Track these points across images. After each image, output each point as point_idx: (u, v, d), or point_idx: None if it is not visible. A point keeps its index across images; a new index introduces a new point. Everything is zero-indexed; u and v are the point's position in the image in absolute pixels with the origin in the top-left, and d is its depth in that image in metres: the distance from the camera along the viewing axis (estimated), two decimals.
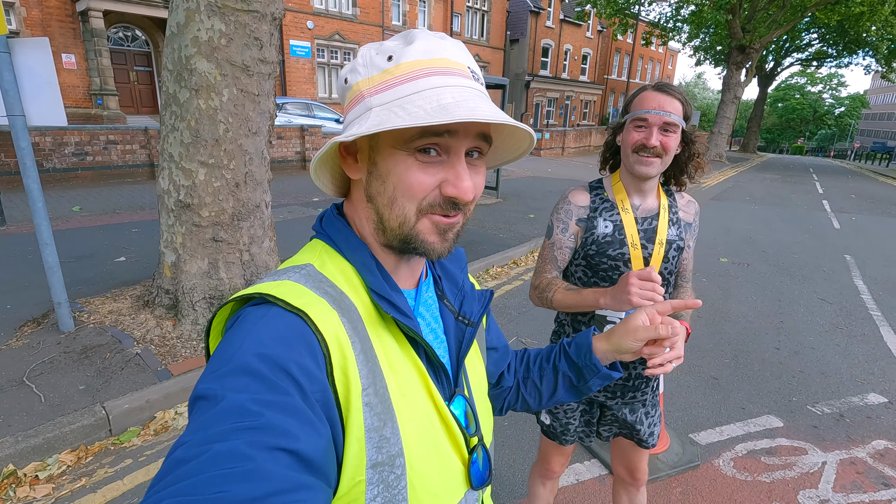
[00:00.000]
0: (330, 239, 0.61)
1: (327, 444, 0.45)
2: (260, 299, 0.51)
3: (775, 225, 8.69)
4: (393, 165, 0.54)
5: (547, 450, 1.66)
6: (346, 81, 0.57)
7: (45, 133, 7.75)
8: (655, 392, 1.53)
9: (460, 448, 0.62)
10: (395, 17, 21.75)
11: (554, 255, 1.41)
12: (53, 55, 2.76)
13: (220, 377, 0.44)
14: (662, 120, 1.22)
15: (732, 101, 20.68)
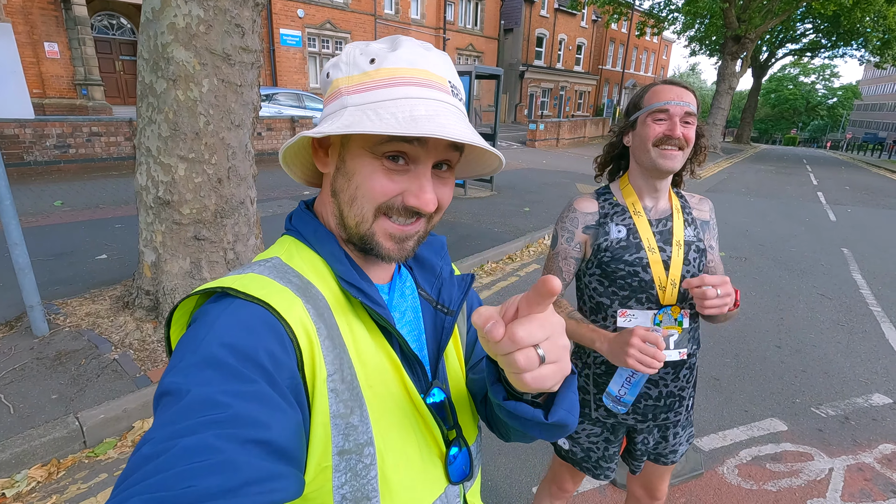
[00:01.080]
0: (298, 233, 0.61)
1: (298, 429, 0.45)
2: (222, 293, 0.51)
3: (771, 217, 8.63)
4: (360, 166, 0.55)
5: (560, 469, 1.54)
6: (328, 76, 0.58)
7: (24, 125, 7.50)
8: (690, 411, 1.41)
9: (437, 441, 0.61)
10: (388, 5, 21.41)
11: (559, 265, 1.31)
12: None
13: (184, 370, 0.43)
14: (684, 110, 1.14)
15: (727, 92, 20.59)
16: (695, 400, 1.43)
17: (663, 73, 47.00)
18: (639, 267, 1.21)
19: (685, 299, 1.24)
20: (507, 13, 27.31)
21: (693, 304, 1.25)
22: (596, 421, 1.36)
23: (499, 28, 27.09)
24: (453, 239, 5.86)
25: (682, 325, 1.23)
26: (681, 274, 1.22)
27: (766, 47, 29.65)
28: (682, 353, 1.25)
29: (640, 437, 1.36)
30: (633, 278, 1.22)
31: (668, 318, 1.22)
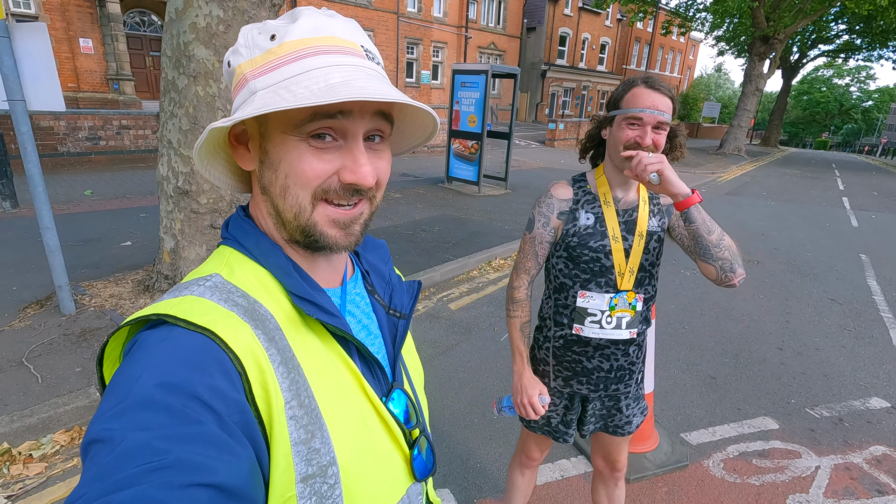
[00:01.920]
0: (238, 243, 0.56)
1: (250, 467, 0.42)
2: (158, 321, 0.46)
3: (790, 221, 8.49)
4: (284, 153, 0.50)
5: (527, 440, 1.66)
6: (230, 64, 0.53)
7: (59, 117, 7.87)
8: (640, 385, 1.51)
9: (400, 444, 0.60)
10: (411, 4, 21.55)
11: (535, 249, 1.41)
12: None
13: (117, 415, 0.39)
14: (657, 120, 1.21)
15: (754, 94, 20.14)
16: (643, 373, 1.52)
17: (690, 73, 46.13)
18: (601, 253, 1.30)
19: (641, 285, 1.33)
20: (530, 12, 27.19)
21: (647, 290, 1.34)
22: (555, 391, 1.46)
23: (521, 27, 27.00)
24: (463, 235, 5.97)
25: (636, 308, 1.33)
26: (640, 262, 1.31)
27: (797, 48, 28.85)
28: (632, 333, 1.35)
29: (591, 404, 1.47)
30: (596, 263, 1.31)
31: (623, 301, 1.32)
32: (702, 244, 1.18)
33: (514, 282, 1.46)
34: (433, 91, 23.43)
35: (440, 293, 4.47)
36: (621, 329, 1.34)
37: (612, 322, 1.34)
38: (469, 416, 2.74)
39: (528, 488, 1.79)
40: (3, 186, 5.74)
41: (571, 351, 1.41)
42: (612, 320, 1.34)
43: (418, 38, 22.08)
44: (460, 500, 2.17)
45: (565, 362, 1.43)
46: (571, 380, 1.44)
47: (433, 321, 3.89)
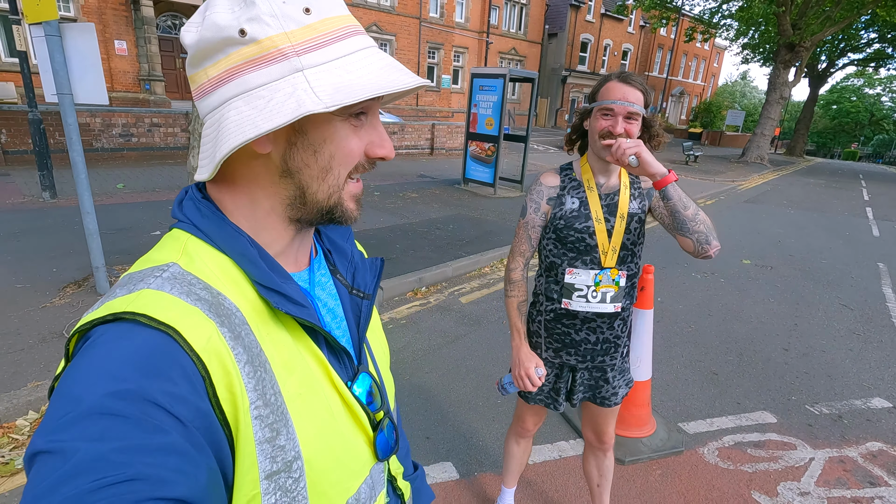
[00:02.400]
0: (196, 228, 0.51)
1: (211, 476, 0.40)
2: (113, 318, 0.42)
3: (809, 230, 8.41)
4: (330, 133, 0.50)
5: (521, 410, 1.78)
6: (245, 34, 0.45)
7: (95, 114, 8.27)
8: (625, 358, 1.63)
9: (364, 428, 0.60)
10: (433, 8, 21.85)
11: (528, 233, 1.54)
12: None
13: (68, 425, 0.35)
14: (626, 110, 1.33)
15: (778, 102, 19.85)
16: (628, 348, 1.64)
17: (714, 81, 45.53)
18: (586, 234, 1.43)
19: (623, 262, 1.46)
20: (551, 18, 27.28)
21: (629, 267, 1.47)
22: (546, 361, 1.59)
23: (543, 33, 27.10)
24: (477, 234, 6.10)
25: (619, 284, 1.46)
26: (622, 241, 1.43)
27: (825, 56, 28.29)
28: (616, 307, 1.47)
29: (579, 374, 1.59)
30: (581, 243, 1.44)
31: (607, 277, 1.44)
32: (679, 219, 1.31)
33: (511, 264, 1.59)
34: (453, 95, 23.66)
35: (452, 287, 4.61)
36: (606, 303, 1.47)
37: (598, 296, 1.46)
38: (474, 400, 2.87)
39: (524, 457, 1.91)
40: (44, 178, 6.09)
41: (561, 324, 1.53)
42: (598, 295, 1.46)
43: (440, 43, 22.36)
44: (462, 472, 2.30)
45: (555, 334, 1.55)
46: (561, 351, 1.56)
47: (444, 313, 4.03)
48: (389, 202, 7.52)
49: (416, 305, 4.15)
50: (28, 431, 2.32)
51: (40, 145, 6.02)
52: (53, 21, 2.88)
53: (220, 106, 0.47)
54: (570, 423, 2.69)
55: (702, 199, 10.83)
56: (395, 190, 8.48)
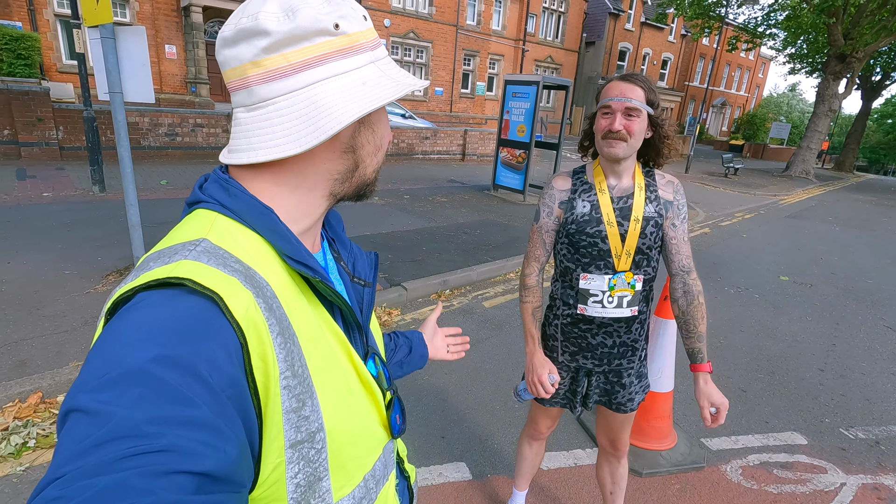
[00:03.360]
0: (223, 207, 0.53)
1: (240, 450, 0.41)
2: (158, 284, 0.43)
3: (854, 248, 8.02)
4: (380, 117, 0.60)
5: (535, 412, 1.78)
6: (338, 27, 0.52)
7: (144, 114, 8.70)
8: (643, 363, 1.60)
9: (378, 405, 0.63)
10: (470, 16, 22.01)
11: (542, 238, 1.54)
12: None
13: (106, 386, 0.36)
14: (624, 106, 1.32)
15: (826, 115, 19.03)
16: (647, 352, 1.61)
17: (758, 92, 44.04)
18: (598, 238, 1.41)
19: (639, 267, 1.43)
20: (590, 26, 27.03)
21: (646, 272, 1.45)
22: (562, 364, 1.58)
23: (580, 41, 26.87)
24: (504, 239, 6.10)
25: (635, 288, 1.44)
26: (636, 245, 1.41)
27: (880, 68, 26.96)
28: (633, 311, 1.45)
29: (595, 377, 1.57)
30: (594, 248, 1.42)
31: (622, 282, 1.43)
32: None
33: (526, 269, 1.58)
34: (487, 102, 23.72)
35: (476, 291, 4.63)
36: (622, 308, 1.45)
37: (614, 301, 1.44)
38: (491, 403, 2.87)
39: (536, 460, 1.91)
40: (95, 172, 6.44)
41: (577, 328, 1.52)
42: (614, 299, 1.44)
43: (476, 51, 22.49)
44: (475, 473, 2.31)
45: (572, 338, 1.54)
46: (577, 354, 1.55)
47: (466, 316, 4.05)
48: (419, 205, 7.60)
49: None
50: None
51: (93, 142, 6.38)
52: (109, 24, 3.07)
53: (306, 86, 0.52)
54: (587, 431, 2.66)
55: (740, 213, 10.48)
56: (425, 194, 8.56)
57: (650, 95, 1.34)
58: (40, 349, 2.80)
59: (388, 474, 0.67)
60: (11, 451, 2.16)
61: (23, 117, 7.75)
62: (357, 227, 5.97)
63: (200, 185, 0.56)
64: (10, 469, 2.08)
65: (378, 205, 7.38)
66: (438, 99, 21.68)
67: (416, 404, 2.79)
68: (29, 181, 6.72)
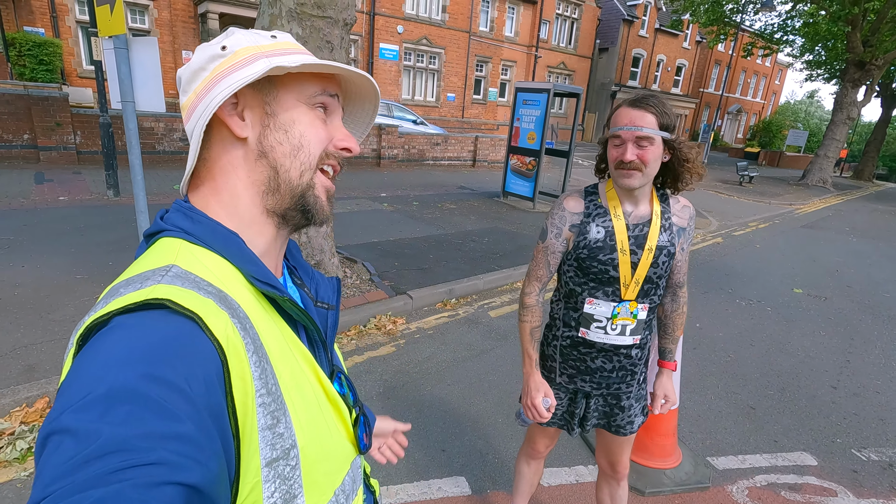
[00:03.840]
0: (187, 233, 0.54)
1: (220, 465, 0.42)
2: (137, 306, 0.43)
3: (871, 260, 7.84)
4: (298, 115, 0.58)
5: (533, 431, 1.76)
6: (225, 48, 0.57)
7: (159, 119, 8.85)
8: (642, 385, 1.58)
9: (345, 421, 0.64)
10: (483, 23, 22.07)
11: (547, 259, 1.49)
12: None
13: (91, 405, 0.36)
14: (634, 135, 1.27)
15: (844, 122, 18.70)
16: (645, 375, 1.58)
17: (775, 99, 43.47)
18: (610, 266, 1.38)
19: (646, 295, 1.40)
20: (603, 33, 26.94)
21: (652, 300, 1.42)
22: (560, 386, 1.56)
23: (593, 47, 26.79)
24: (512, 248, 6.07)
25: (637, 317, 1.41)
26: (646, 274, 1.38)
27: None
28: (635, 339, 1.42)
29: (593, 400, 1.54)
30: (604, 275, 1.39)
31: (626, 310, 1.40)
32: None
33: (526, 288, 1.55)
34: (499, 108, 23.73)
35: (482, 300, 4.61)
36: (625, 336, 1.42)
37: (617, 328, 1.41)
38: (493, 416, 2.85)
39: (534, 478, 1.88)
40: (110, 177, 6.56)
41: (577, 351, 1.49)
42: (617, 327, 1.41)
43: (488, 57, 22.53)
44: (474, 488, 2.29)
45: (570, 360, 1.51)
46: (575, 377, 1.52)
47: (471, 326, 4.03)
48: (427, 212, 7.61)
49: (445, 317, 4.17)
50: None
51: (108, 147, 6.51)
52: (122, 35, 3.14)
53: (203, 112, 0.55)
54: (589, 447, 2.62)
55: (754, 222, 10.31)
56: (434, 200, 8.57)
57: (663, 120, 1.28)
58: (49, 354, 2.84)
59: (357, 489, 0.68)
60: (17, 455, 2.20)
61: (42, 122, 7.93)
62: (365, 235, 5.99)
63: (161, 216, 0.57)
64: (14, 474, 2.11)
65: (386, 211, 7.40)
66: (450, 105, 21.74)
67: (417, 415, 2.77)
68: (46, 185, 6.87)
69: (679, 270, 1.47)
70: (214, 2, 14.35)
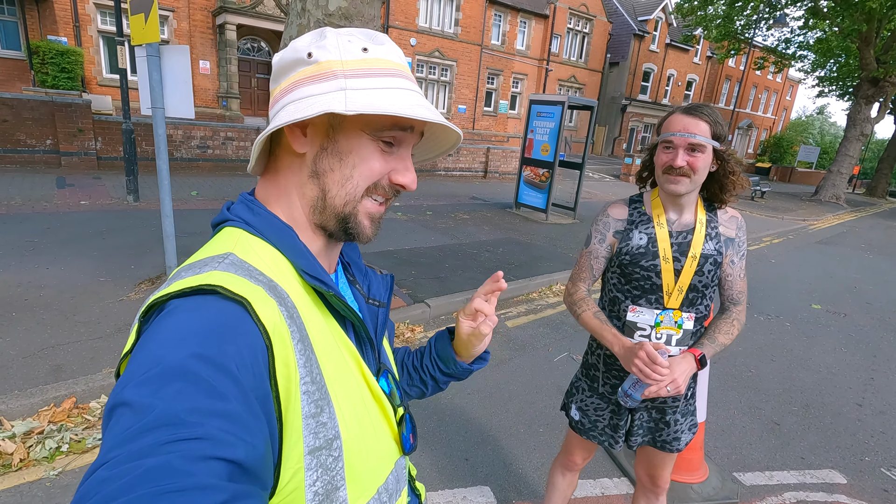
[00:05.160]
0: (247, 224, 0.57)
1: (265, 446, 0.43)
2: (192, 291, 0.46)
3: (890, 277, 7.74)
4: (357, 147, 0.57)
5: (571, 442, 1.72)
6: (311, 56, 0.56)
7: (178, 127, 8.99)
8: (690, 401, 1.54)
9: (390, 420, 0.64)
10: (495, 36, 22.31)
11: (591, 263, 1.50)
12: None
13: (148, 382, 0.39)
14: (687, 142, 1.28)
15: (858, 139, 18.60)
16: (694, 389, 1.56)
17: (786, 114, 43.36)
18: (652, 272, 1.38)
19: (692, 305, 1.39)
20: (614, 47, 27.10)
21: (698, 310, 1.41)
22: (602, 396, 1.54)
23: (604, 61, 26.94)
24: (526, 259, 6.07)
25: (682, 327, 1.39)
26: (690, 282, 1.37)
27: None
28: (681, 350, 1.40)
29: (638, 414, 1.51)
30: (647, 281, 1.39)
31: (669, 319, 1.39)
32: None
33: (571, 289, 1.54)
34: (509, 120, 23.86)
35: (498, 311, 4.59)
36: (670, 346, 1.40)
37: (662, 337, 1.40)
38: (515, 426, 2.83)
39: (568, 491, 1.85)
40: (130, 182, 6.66)
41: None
42: (661, 335, 1.40)
43: (499, 70, 22.73)
44: (499, 498, 2.27)
45: (614, 370, 1.50)
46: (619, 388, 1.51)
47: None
48: (441, 222, 7.64)
49: None
50: (100, 414, 2.51)
51: (129, 153, 6.61)
52: (155, 43, 3.21)
53: (279, 111, 0.58)
54: (614, 460, 2.59)
55: (768, 237, 10.24)
56: (447, 210, 8.61)
57: (716, 129, 1.29)
58: (75, 355, 2.87)
59: (401, 490, 0.68)
60: (46, 454, 2.21)
61: (65, 128, 8.08)
62: (380, 243, 6.01)
63: (228, 207, 0.61)
64: (43, 473, 2.13)
65: (401, 220, 7.44)
66: (461, 116, 21.90)
67: (438, 425, 2.76)
68: (68, 189, 6.98)
69: (732, 286, 1.44)
70: (232, 13, 14.63)
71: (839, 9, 16.04)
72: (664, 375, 1.25)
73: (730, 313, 1.47)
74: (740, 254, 1.45)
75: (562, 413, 2.99)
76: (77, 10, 13.29)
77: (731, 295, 1.47)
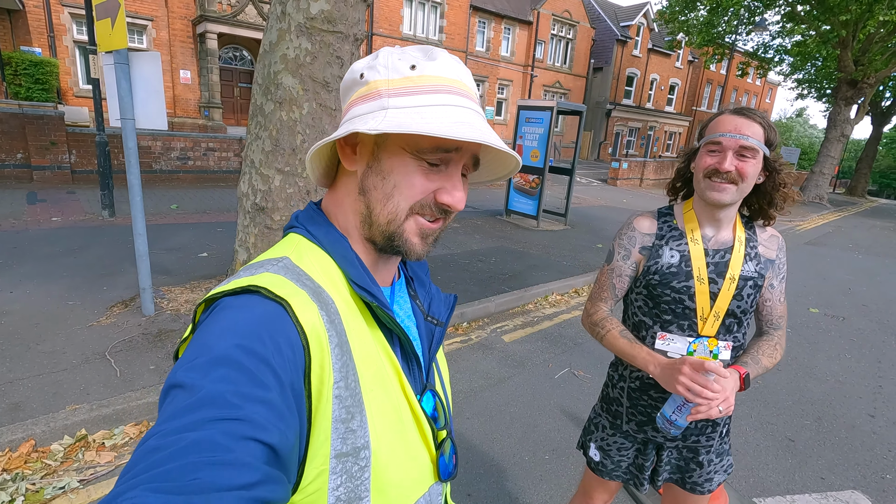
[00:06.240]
0: (308, 232, 0.61)
1: (295, 439, 0.46)
2: (240, 290, 0.50)
3: (882, 277, 7.74)
4: (399, 165, 0.56)
5: (591, 484, 1.54)
6: (362, 77, 0.58)
7: (156, 138, 8.70)
8: (724, 439, 1.37)
9: (428, 442, 0.63)
10: (479, 43, 22.32)
11: (612, 282, 1.33)
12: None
13: (198, 367, 0.43)
14: (738, 143, 1.12)
15: (838, 140, 18.89)
16: (730, 427, 1.39)
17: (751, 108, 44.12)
18: (685, 295, 1.21)
19: (729, 332, 1.23)
20: (597, 52, 27.32)
21: (736, 338, 1.24)
22: (627, 434, 1.37)
23: (588, 66, 27.13)
24: (521, 268, 5.91)
25: (718, 357, 1.22)
26: (728, 308, 1.20)
27: (890, 93, 26.90)
28: None
29: (666, 452, 1.34)
30: (678, 305, 1.22)
31: (703, 348, 1.21)
32: None
33: (591, 309, 1.37)
34: (496, 126, 23.84)
35: (494, 324, 4.42)
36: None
37: None
38: (520, 453, 2.64)
39: None
40: (105, 197, 6.37)
41: (648, 395, 1.30)
42: None
43: (484, 76, 22.72)
44: None
45: (640, 406, 1.33)
46: (645, 425, 1.33)
47: (486, 352, 3.83)
48: None
49: (457, 342, 3.97)
50: (62, 457, 2.27)
51: (104, 166, 6.33)
52: (123, 50, 2.99)
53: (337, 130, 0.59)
54: (631, 495, 2.41)
55: None
56: None
57: (769, 134, 1.14)
58: (36, 390, 2.62)
59: None
60: None
61: (36, 141, 7.75)
62: None
63: (297, 216, 0.64)
64: None
65: None
66: None
67: None
68: (39, 205, 6.66)
69: (772, 311, 1.28)
70: (213, 22, 14.38)
71: (815, 13, 16.32)
72: (717, 392, 1.04)
73: (772, 336, 1.30)
74: (780, 276, 1.29)
75: (568, 437, 2.81)
76: (52, 20, 12.93)
77: (771, 320, 1.31)
